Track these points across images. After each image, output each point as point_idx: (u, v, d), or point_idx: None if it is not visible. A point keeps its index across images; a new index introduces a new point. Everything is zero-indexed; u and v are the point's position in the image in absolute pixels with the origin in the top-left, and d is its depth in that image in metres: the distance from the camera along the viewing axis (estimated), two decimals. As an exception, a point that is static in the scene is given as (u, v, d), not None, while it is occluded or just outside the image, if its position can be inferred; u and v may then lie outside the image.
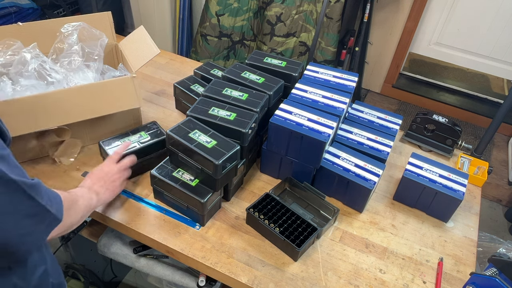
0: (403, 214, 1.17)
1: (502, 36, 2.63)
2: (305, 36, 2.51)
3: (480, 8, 2.59)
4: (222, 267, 0.98)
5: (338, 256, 1.03)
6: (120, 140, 1.17)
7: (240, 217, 1.10)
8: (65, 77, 1.16)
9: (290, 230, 1.03)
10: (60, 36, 1.20)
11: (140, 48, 1.27)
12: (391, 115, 1.33)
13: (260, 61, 1.30)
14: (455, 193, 1.10)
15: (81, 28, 1.21)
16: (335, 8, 2.38)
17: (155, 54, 1.21)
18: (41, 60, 1.13)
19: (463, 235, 1.13)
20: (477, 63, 2.82)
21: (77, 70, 1.19)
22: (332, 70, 1.32)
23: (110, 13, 1.33)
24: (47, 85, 1.13)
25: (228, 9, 2.55)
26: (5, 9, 2.51)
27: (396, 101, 3.10)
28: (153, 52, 1.22)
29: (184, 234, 1.04)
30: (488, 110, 2.92)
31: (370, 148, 1.19)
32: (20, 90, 1.09)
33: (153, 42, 1.24)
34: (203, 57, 2.72)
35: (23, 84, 1.10)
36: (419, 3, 2.65)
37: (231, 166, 1.02)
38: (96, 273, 1.61)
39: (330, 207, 1.11)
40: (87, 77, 1.20)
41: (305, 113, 1.12)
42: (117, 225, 1.07)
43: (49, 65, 1.14)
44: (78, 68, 1.20)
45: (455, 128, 1.33)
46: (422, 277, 1.01)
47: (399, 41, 2.85)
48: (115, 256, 1.22)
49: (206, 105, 1.12)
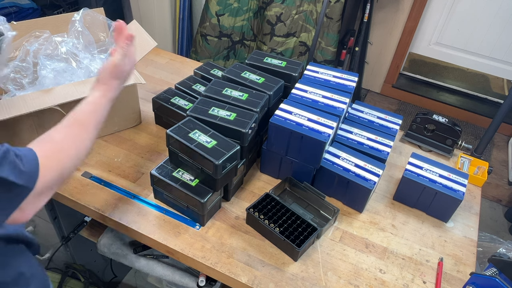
0: (403, 214, 1.17)
1: (502, 36, 2.63)
2: (305, 36, 2.51)
3: (480, 8, 2.59)
4: (222, 267, 0.98)
5: (338, 256, 1.03)
6: None
7: (240, 217, 1.10)
8: (90, 62, 1.19)
9: (290, 230, 1.03)
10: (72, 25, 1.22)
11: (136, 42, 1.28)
12: (391, 115, 1.33)
13: (260, 61, 1.30)
14: (455, 193, 1.10)
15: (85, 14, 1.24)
16: (335, 8, 2.38)
17: (152, 46, 1.22)
18: (72, 44, 1.16)
19: (463, 235, 1.13)
20: (477, 63, 2.82)
21: (95, 58, 1.23)
22: (332, 70, 1.32)
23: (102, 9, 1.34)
24: (76, 68, 1.17)
25: (228, 9, 2.55)
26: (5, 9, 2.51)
27: (396, 101, 3.10)
28: (150, 45, 1.22)
29: (184, 234, 1.04)
30: (488, 110, 2.92)
31: (370, 148, 1.19)
32: (53, 74, 1.12)
33: (149, 36, 1.25)
34: (203, 57, 2.72)
35: (53, 67, 1.13)
36: (419, 3, 2.65)
37: (231, 166, 1.02)
38: (96, 273, 1.61)
39: (330, 207, 1.11)
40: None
41: (305, 113, 1.12)
42: (117, 225, 1.07)
43: (78, 50, 1.17)
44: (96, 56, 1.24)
45: (455, 128, 1.33)
46: (422, 277, 1.01)
47: (399, 41, 2.85)
48: (115, 256, 1.22)
49: (206, 105, 1.12)
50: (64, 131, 0.75)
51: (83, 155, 0.77)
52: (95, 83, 0.86)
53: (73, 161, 0.73)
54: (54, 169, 0.68)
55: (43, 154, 0.67)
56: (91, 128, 0.79)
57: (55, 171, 0.68)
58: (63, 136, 0.74)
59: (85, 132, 0.77)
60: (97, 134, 0.81)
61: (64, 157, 0.71)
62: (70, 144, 0.74)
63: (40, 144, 0.70)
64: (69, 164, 0.72)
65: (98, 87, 0.85)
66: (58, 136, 0.73)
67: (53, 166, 0.68)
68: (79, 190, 1.12)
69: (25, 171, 0.62)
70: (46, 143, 0.71)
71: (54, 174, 0.68)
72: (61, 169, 0.70)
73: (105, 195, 1.12)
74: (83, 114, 0.79)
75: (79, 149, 0.75)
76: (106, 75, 0.86)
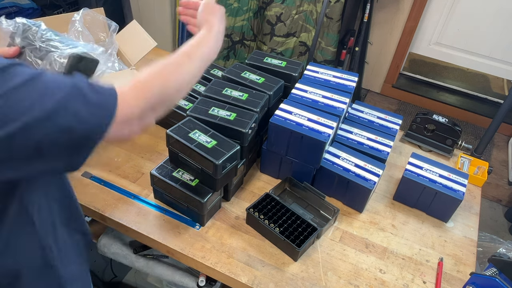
0: (403, 214, 1.17)
1: (502, 36, 2.63)
2: (305, 36, 2.51)
3: (480, 8, 2.59)
4: (222, 267, 0.98)
5: (338, 256, 1.03)
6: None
7: (240, 217, 1.10)
8: (105, 62, 1.20)
9: (290, 230, 1.03)
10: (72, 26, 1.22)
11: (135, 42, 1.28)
12: (391, 115, 1.33)
13: (260, 61, 1.30)
14: (455, 193, 1.10)
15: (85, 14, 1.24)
16: (335, 8, 2.38)
17: (152, 46, 1.22)
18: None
19: (463, 235, 1.13)
20: (477, 63, 2.82)
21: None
22: (332, 70, 1.32)
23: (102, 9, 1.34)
24: None
25: (228, 9, 2.55)
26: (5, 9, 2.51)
27: (396, 101, 3.10)
28: (149, 45, 1.23)
29: (184, 234, 1.04)
30: (488, 110, 2.92)
31: (370, 148, 1.19)
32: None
33: (149, 36, 1.25)
34: (203, 57, 2.72)
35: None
36: (419, 3, 2.65)
37: (231, 166, 1.02)
38: (96, 273, 1.61)
39: (330, 207, 1.11)
40: (113, 67, 1.25)
41: (305, 113, 1.12)
42: (117, 225, 1.07)
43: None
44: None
45: (455, 128, 1.33)
46: (422, 277, 1.01)
47: (399, 41, 2.85)
48: (115, 256, 1.22)
49: (206, 105, 1.12)
50: (168, 59, 0.75)
51: (185, 82, 0.76)
52: (197, 27, 0.90)
53: (173, 83, 0.72)
54: (152, 92, 0.67)
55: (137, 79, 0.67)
56: (195, 58, 0.79)
57: (154, 93, 0.67)
58: (166, 62, 0.73)
59: (189, 60, 0.77)
60: (204, 66, 0.81)
61: (163, 80, 0.70)
62: (171, 69, 0.73)
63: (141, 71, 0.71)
64: (170, 86, 0.71)
65: (201, 27, 0.87)
66: (161, 62, 0.73)
67: (150, 88, 0.67)
68: (79, 190, 1.12)
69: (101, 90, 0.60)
70: (146, 69, 0.71)
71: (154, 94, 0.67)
72: (162, 90, 0.69)
73: (105, 195, 1.12)
74: (189, 47, 0.80)
75: (181, 74, 0.74)
76: (202, 15, 0.89)
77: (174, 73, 0.73)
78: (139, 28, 1.29)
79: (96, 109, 0.58)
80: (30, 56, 0.92)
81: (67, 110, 0.54)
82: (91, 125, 0.57)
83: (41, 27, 0.94)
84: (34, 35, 0.92)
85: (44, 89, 0.54)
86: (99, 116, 0.58)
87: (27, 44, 0.92)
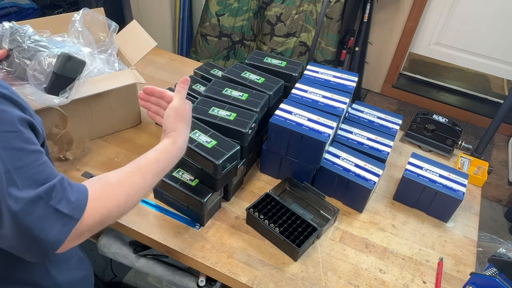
0: (403, 214, 1.17)
1: (502, 36, 2.63)
2: (305, 36, 2.50)
3: (480, 8, 2.59)
4: (222, 267, 0.98)
5: (338, 256, 1.03)
6: None
7: (240, 217, 1.10)
8: (90, 62, 1.20)
9: (290, 230, 1.03)
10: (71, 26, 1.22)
11: (135, 42, 1.28)
12: (391, 115, 1.33)
13: (260, 61, 1.30)
14: (455, 193, 1.10)
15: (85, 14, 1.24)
16: (335, 8, 2.38)
17: (152, 46, 1.22)
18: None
19: (463, 235, 1.13)
20: (477, 63, 2.82)
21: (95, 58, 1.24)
22: (332, 70, 1.32)
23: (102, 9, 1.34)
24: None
25: (228, 9, 2.55)
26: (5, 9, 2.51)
27: (396, 101, 3.10)
28: (149, 45, 1.23)
29: (184, 234, 1.04)
30: (488, 110, 2.92)
31: (370, 148, 1.19)
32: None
33: (149, 36, 1.26)
34: (203, 57, 2.72)
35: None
36: (419, 3, 2.65)
37: (231, 166, 1.02)
38: (96, 273, 1.61)
39: (330, 207, 1.11)
40: (113, 67, 1.26)
41: (305, 113, 1.12)
42: (117, 225, 1.07)
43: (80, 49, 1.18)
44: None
45: (455, 128, 1.33)
46: (422, 277, 1.01)
47: (399, 41, 2.85)
48: (115, 256, 1.22)
49: (206, 105, 1.12)
50: (122, 177, 0.73)
51: (134, 204, 0.73)
52: (163, 134, 0.85)
53: (120, 208, 0.70)
54: (100, 212, 0.66)
55: (93, 194, 0.66)
56: (150, 177, 0.76)
57: (100, 214, 0.66)
58: (119, 182, 0.71)
59: (143, 181, 0.74)
60: (157, 182, 0.78)
61: (112, 202, 0.68)
62: (123, 191, 0.71)
63: (94, 184, 0.69)
64: (115, 210, 0.69)
65: (167, 135, 0.83)
66: (114, 180, 0.71)
67: (99, 209, 0.66)
68: (79, 190, 1.12)
69: (73, 201, 0.62)
70: (100, 185, 0.69)
71: (98, 217, 0.66)
72: (107, 213, 0.67)
73: (105, 195, 1.12)
74: (146, 161, 0.77)
75: (131, 197, 0.71)
76: (170, 121, 0.84)
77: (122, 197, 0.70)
78: (139, 28, 1.29)
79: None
80: (18, 57, 0.92)
81: None
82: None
83: (28, 29, 0.95)
84: (22, 36, 0.93)
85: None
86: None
87: (15, 46, 0.92)
